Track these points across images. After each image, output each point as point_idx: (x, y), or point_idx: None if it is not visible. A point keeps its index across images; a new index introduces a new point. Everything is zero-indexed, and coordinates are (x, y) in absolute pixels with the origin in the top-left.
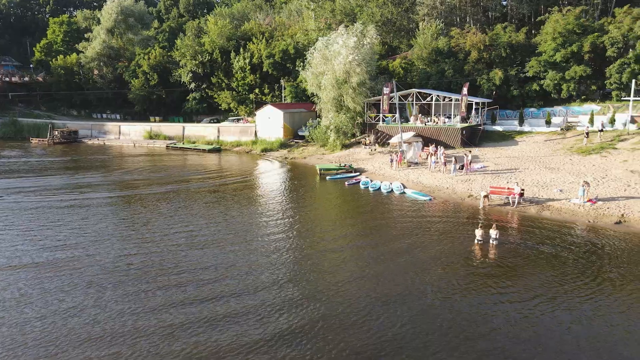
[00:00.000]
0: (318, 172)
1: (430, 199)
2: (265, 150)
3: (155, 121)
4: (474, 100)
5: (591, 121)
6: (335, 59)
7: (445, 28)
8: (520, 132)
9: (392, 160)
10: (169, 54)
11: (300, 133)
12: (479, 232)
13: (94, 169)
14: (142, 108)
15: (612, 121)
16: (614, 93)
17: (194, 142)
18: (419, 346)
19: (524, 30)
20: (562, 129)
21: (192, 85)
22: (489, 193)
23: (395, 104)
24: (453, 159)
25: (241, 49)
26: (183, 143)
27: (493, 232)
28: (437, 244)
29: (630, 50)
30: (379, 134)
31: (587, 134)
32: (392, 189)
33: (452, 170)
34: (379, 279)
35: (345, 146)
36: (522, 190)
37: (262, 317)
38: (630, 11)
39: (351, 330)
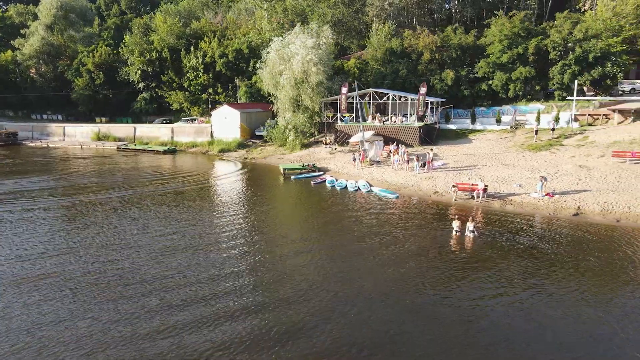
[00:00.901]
0: (282, 172)
1: (397, 197)
2: (223, 150)
3: (101, 122)
4: (430, 99)
5: (538, 120)
6: (293, 59)
7: (396, 30)
8: (473, 131)
9: (355, 159)
10: (114, 52)
11: (257, 133)
12: (456, 224)
13: (38, 172)
14: (87, 108)
15: (557, 120)
16: (556, 93)
17: (146, 144)
18: (409, 342)
19: (473, 32)
20: (511, 127)
21: (141, 84)
22: (457, 188)
23: (353, 103)
24: (415, 157)
25: (192, 48)
26: (135, 144)
27: (470, 224)
28: (415, 238)
29: (571, 52)
30: (338, 134)
31: (537, 131)
32: (358, 187)
33: (415, 168)
34: (363, 275)
35: (305, 146)
36: (486, 185)
37: (223, 324)
38: (570, 16)
39: (335, 329)
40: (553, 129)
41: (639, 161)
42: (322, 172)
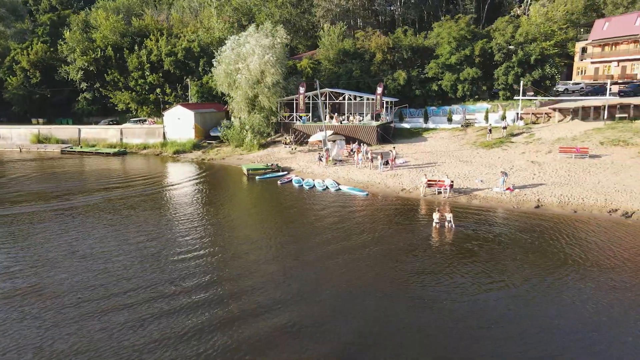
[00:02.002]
0: (245, 172)
1: (367, 194)
2: (178, 152)
3: (38, 123)
4: (385, 99)
5: (486, 118)
6: (249, 58)
7: (347, 31)
8: (427, 129)
9: (320, 159)
10: (52, 49)
11: (212, 134)
12: (436, 216)
13: None
14: (22, 109)
15: (503, 118)
16: (500, 93)
17: (93, 146)
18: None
19: (423, 34)
20: (462, 126)
21: (83, 84)
22: (426, 183)
23: (310, 103)
24: (380, 155)
25: (136, 46)
26: (81, 147)
27: (448, 216)
28: (398, 233)
29: (514, 55)
30: (297, 133)
31: (490, 130)
32: (327, 186)
33: (379, 166)
34: (353, 271)
35: (262, 146)
36: (452, 182)
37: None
38: (511, 20)
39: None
40: (504, 127)
41: (583, 156)
42: (286, 172)
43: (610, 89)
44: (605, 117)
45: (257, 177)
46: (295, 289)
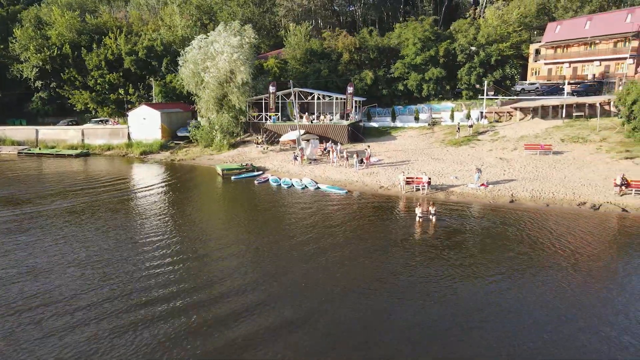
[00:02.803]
0: (220, 173)
1: (346, 192)
2: (145, 152)
3: None
4: (354, 99)
5: (452, 117)
6: (218, 58)
7: (312, 31)
8: (395, 128)
9: (296, 158)
10: (1, 46)
11: (179, 134)
12: (419, 210)
13: None
14: None
15: (468, 117)
16: (464, 92)
17: (52, 147)
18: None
19: (389, 35)
20: (429, 125)
21: (38, 82)
22: (406, 180)
23: (285, 102)
24: (355, 153)
25: (95, 45)
26: (39, 148)
27: (432, 209)
28: (381, 229)
29: (475, 56)
30: (267, 133)
31: (459, 128)
32: (305, 185)
33: (354, 164)
34: (352, 269)
35: (232, 146)
36: (429, 179)
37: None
38: (472, 22)
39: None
40: (471, 126)
41: (547, 153)
42: (261, 172)
43: (565, 89)
44: (564, 115)
45: (232, 177)
46: (283, 288)
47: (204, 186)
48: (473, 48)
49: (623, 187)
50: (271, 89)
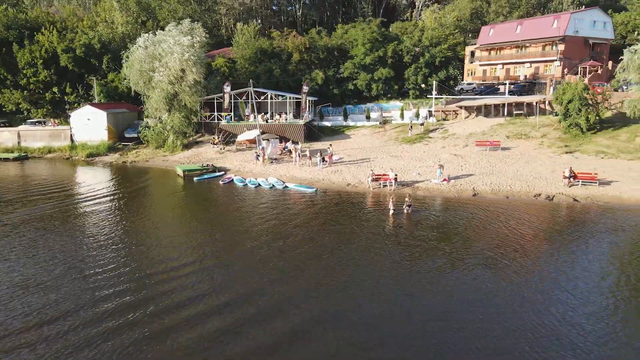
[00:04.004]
0: (181, 174)
1: (315, 190)
2: (92, 155)
3: None
4: (309, 98)
5: (402, 116)
6: (169, 57)
7: (259, 30)
8: (347, 127)
9: (257, 157)
10: None
11: (127, 135)
12: (392, 205)
13: None
14: None
15: (418, 115)
16: (411, 92)
17: None
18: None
19: (335, 35)
20: (380, 123)
21: None
22: (373, 177)
23: (237, 102)
24: (318, 152)
25: (26, 41)
26: None
27: (406, 200)
28: (357, 223)
29: (421, 57)
30: (222, 133)
31: (411, 127)
32: (273, 185)
33: (318, 163)
34: (334, 269)
35: (185, 146)
36: (396, 175)
37: None
38: (417, 24)
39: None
40: (422, 124)
41: (495, 149)
42: (223, 172)
43: (499, 88)
44: (505, 114)
45: (195, 179)
46: (274, 287)
47: (166, 189)
48: (417, 49)
49: (571, 179)
50: (226, 88)
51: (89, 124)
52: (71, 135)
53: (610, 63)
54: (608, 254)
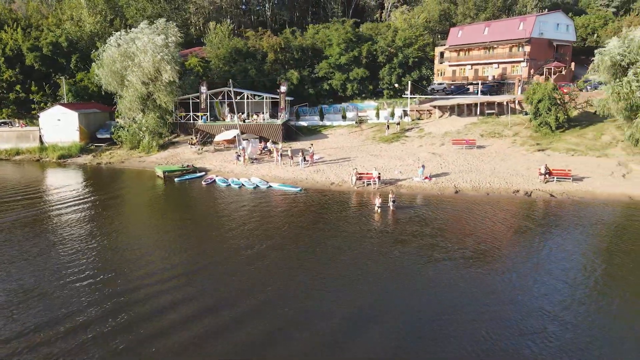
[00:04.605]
0: (161, 175)
1: (301, 190)
2: (63, 157)
3: None
4: (286, 98)
5: (377, 115)
6: (143, 56)
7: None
8: (324, 126)
9: (238, 157)
10: None
11: (99, 136)
12: (377, 201)
13: None
14: None
15: (393, 115)
16: (385, 92)
17: None
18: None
19: (309, 35)
20: (356, 123)
21: None
22: (357, 176)
23: (212, 102)
24: (300, 152)
25: None
26: None
27: (391, 196)
28: (347, 220)
29: (395, 57)
30: (200, 133)
31: (388, 126)
32: (256, 185)
33: (300, 162)
34: (334, 263)
35: (161, 147)
36: (379, 174)
37: None
38: (390, 25)
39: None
40: (398, 124)
41: (471, 147)
42: (203, 173)
43: (469, 88)
44: (478, 113)
45: (175, 180)
46: (271, 290)
47: (147, 190)
48: (390, 49)
49: (546, 176)
50: (202, 88)
51: (60, 124)
52: (40, 136)
53: (573, 64)
54: (588, 243)
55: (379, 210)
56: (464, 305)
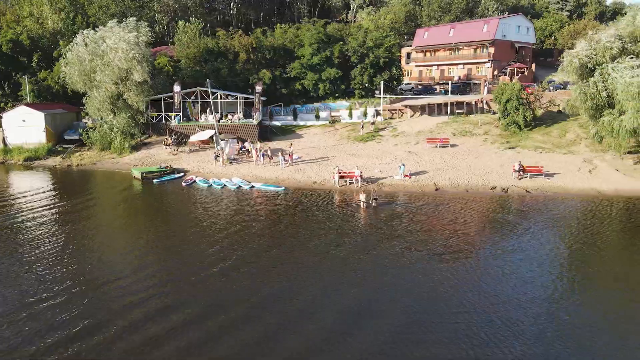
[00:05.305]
0: (138, 177)
1: (284, 189)
2: (30, 159)
3: None
4: (261, 98)
5: (350, 115)
6: (113, 55)
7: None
8: (297, 126)
9: (216, 158)
10: None
11: (67, 137)
12: (362, 196)
13: None
14: None
15: (365, 115)
16: (356, 92)
17: None
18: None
19: (281, 35)
20: (330, 122)
21: None
22: (341, 175)
23: (184, 101)
24: (280, 151)
25: None
26: None
27: (372, 194)
28: (335, 217)
29: (366, 57)
30: (173, 133)
31: (363, 125)
32: (239, 185)
33: (280, 162)
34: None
35: (134, 148)
36: (361, 172)
37: None
38: (361, 26)
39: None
40: (373, 123)
41: (445, 145)
42: (182, 174)
43: (436, 88)
44: (448, 112)
45: (154, 181)
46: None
47: (126, 193)
48: (363, 50)
49: (520, 172)
50: (176, 88)
51: (25, 125)
52: (3, 138)
53: (533, 65)
54: (563, 233)
55: (363, 206)
56: (448, 299)
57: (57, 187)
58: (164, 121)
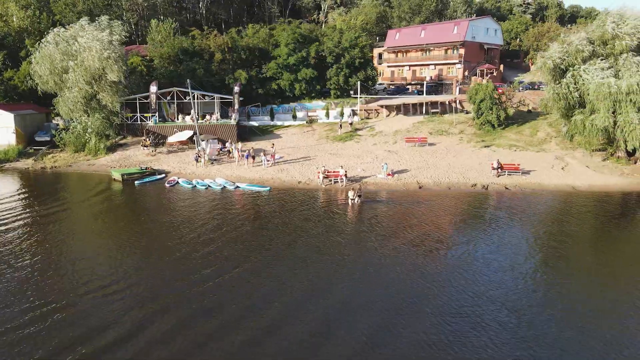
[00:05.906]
0: (119, 178)
1: (269, 189)
2: (0, 161)
3: None
4: (238, 98)
5: (327, 115)
6: (87, 53)
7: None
8: (275, 126)
9: (197, 158)
10: None
11: (38, 138)
12: (351, 193)
13: None
14: None
15: (342, 114)
16: (332, 92)
17: None
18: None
19: (252, 34)
20: (307, 122)
21: None
22: (326, 175)
23: (160, 102)
24: (262, 152)
25: None
26: None
27: (357, 192)
28: (326, 214)
29: (342, 58)
30: (150, 134)
31: (341, 125)
32: (223, 186)
33: (263, 162)
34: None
35: (109, 149)
36: (346, 172)
37: None
38: (335, 27)
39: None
40: (351, 123)
41: (423, 145)
42: (164, 175)
43: (408, 89)
44: (423, 112)
45: (136, 183)
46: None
47: (107, 195)
48: (338, 51)
49: (499, 170)
50: (152, 88)
51: None
52: None
53: (502, 66)
54: (543, 226)
55: (350, 203)
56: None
57: (33, 191)
58: (139, 122)
